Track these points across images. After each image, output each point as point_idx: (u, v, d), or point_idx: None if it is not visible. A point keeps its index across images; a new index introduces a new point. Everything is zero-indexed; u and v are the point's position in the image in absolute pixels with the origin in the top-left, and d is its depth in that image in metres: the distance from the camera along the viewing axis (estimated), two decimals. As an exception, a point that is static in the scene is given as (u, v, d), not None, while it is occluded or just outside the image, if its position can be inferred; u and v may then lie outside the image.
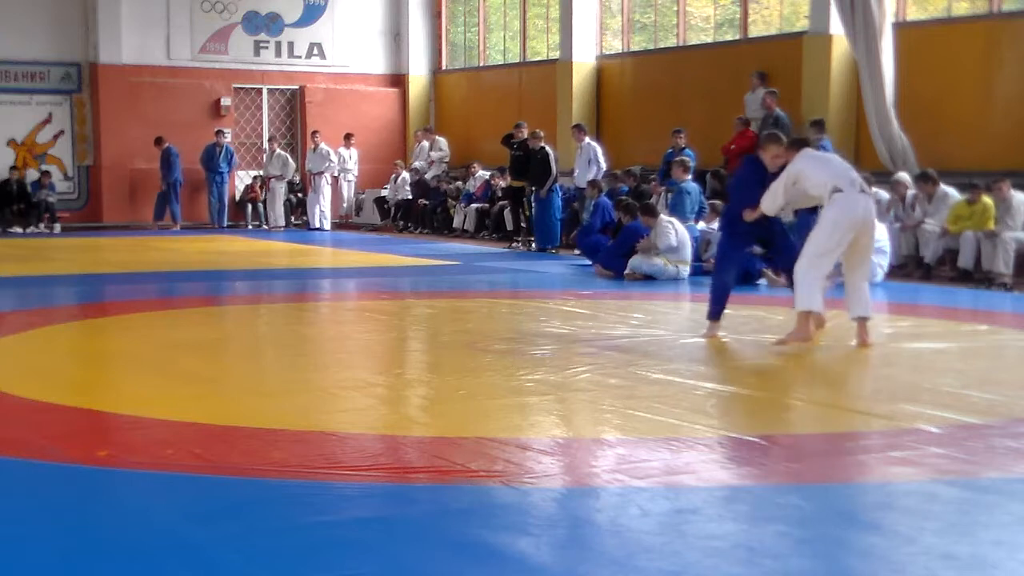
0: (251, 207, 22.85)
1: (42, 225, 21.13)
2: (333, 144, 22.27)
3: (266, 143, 22.95)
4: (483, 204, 20.10)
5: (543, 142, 16.97)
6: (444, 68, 24.37)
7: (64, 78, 21.93)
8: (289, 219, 22.62)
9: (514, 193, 18.04)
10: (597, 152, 17.57)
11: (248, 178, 23.20)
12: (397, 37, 24.30)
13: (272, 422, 5.96)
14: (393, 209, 22.22)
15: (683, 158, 15.31)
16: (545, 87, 20.79)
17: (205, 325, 10.09)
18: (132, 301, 11.58)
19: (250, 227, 22.43)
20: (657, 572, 3.87)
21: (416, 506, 4.63)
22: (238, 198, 23.07)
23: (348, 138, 22.55)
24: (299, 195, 22.96)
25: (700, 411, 6.25)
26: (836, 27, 15.44)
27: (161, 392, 6.80)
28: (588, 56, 20.10)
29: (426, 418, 6.38)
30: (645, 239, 12.91)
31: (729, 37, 18.29)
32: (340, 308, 11.69)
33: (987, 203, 12.79)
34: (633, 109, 19.52)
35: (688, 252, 13.07)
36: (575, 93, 19.96)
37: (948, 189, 13.37)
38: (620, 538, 4.22)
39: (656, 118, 18.33)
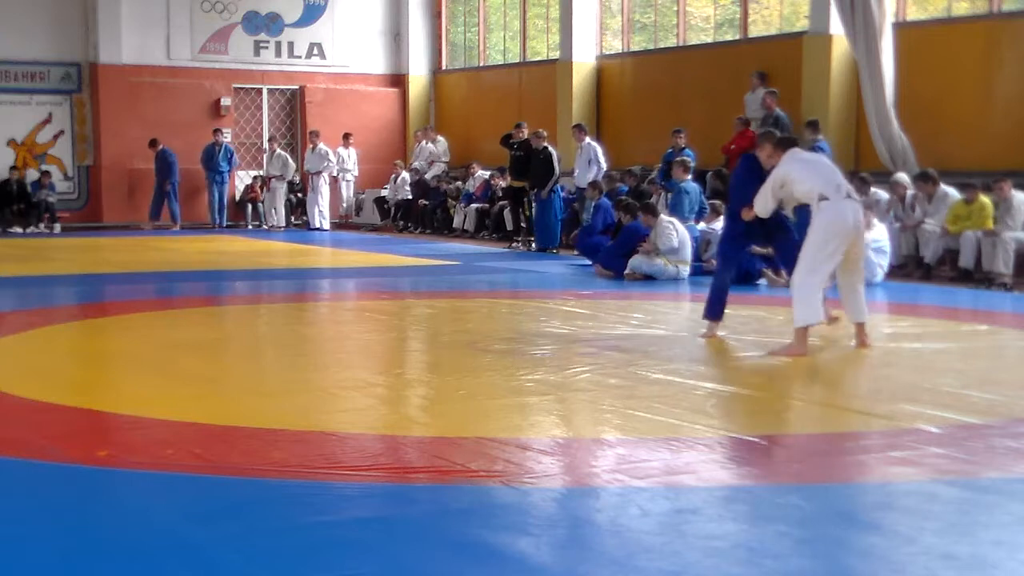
0: (251, 207, 22.86)
1: (42, 225, 21.13)
2: (333, 144, 22.27)
3: (266, 143, 22.96)
4: (483, 204, 20.10)
5: (546, 142, 16.96)
6: (444, 68, 24.36)
7: (64, 78, 21.92)
8: (289, 219, 22.63)
9: (514, 193, 18.03)
10: (597, 152, 17.55)
11: (248, 178, 23.20)
12: (397, 37, 24.29)
13: (272, 422, 5.96)
14: (393, 209, 22.22)
15: (683, 158, 15.32)
16: (545, 87, 20.78)
17: (205, 325, 10.09)
18: (132, 301, 11.59)
19: (250, 227, 22.43)
20: (657, 572, 3.87)
21: (416, 506, 4.63)
22: (238, 198, 23.08)
23: (347, 138, 22.55)
24: (299, 195, 22.97)
25: (700, 411, 6.25)
26: (836, 27, 15.43)
27: (161, 392, 6.80)
28: (588, 56, 20.10)
29: (426, 418, 6.38)
30: (647, 241, 12.90)
31: (729, 37, 18.29)
32: (340, 308, 11.68)
33: (985, 202, 12.78)
34: (633, 109, 19.51)
35: (688, 252, 13.06)
36: (575, 93, 19.95)
37: (948, 189, 13.35)
38: (620, 538, 4.22)
39: (656, 118, 18.32)
